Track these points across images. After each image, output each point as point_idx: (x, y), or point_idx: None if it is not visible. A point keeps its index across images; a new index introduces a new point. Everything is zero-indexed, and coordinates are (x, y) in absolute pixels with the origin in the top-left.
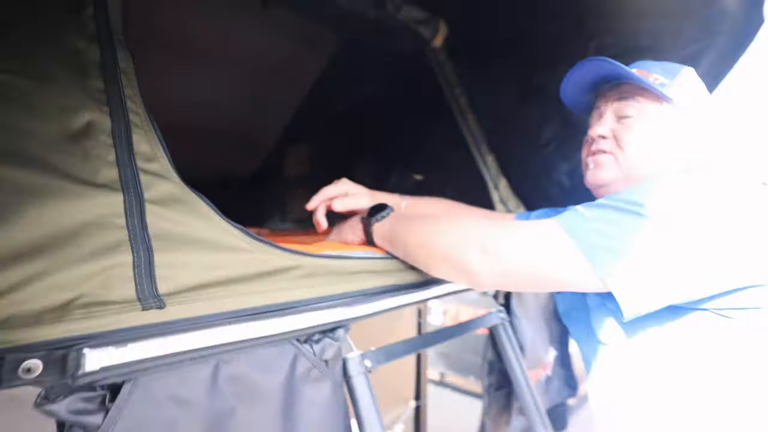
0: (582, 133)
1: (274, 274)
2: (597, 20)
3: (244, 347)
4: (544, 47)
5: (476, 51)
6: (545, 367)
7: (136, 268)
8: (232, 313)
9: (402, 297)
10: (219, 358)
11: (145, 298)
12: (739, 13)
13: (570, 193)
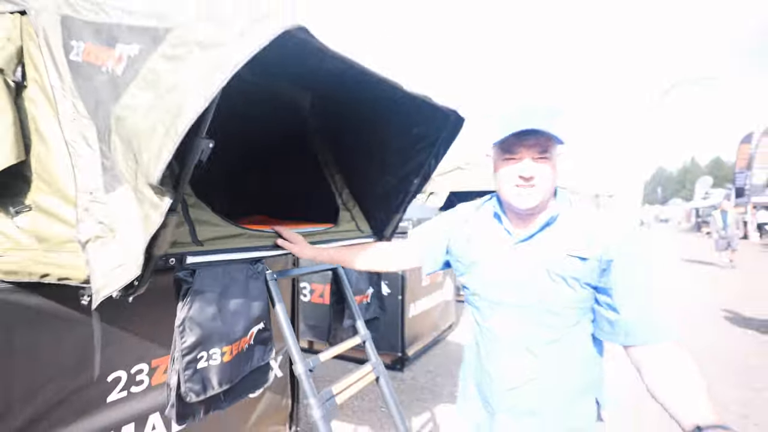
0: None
1: (238, 236)
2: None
3: (230, 263)
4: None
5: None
6: (366, 296)
7: (191, 234)
8: (228, 250)
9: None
10: (224, 266)
11: (196, 242)
12: (452, 120)
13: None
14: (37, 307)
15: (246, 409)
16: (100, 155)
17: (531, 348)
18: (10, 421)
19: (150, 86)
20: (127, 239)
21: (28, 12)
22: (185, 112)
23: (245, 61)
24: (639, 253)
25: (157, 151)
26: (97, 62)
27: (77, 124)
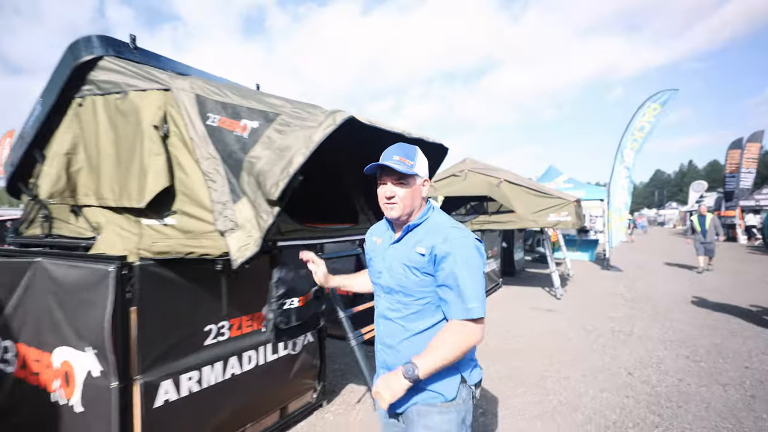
0: None
1: (301, 230)
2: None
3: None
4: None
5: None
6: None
7: (277, 228)
8: (296, 239)
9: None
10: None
11: (280, 233)
12: (440, 150)
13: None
14: (172, 277)
15: (287, 365)
16: (227, 182)
17: (399, 318)
18: (154, 351)
19: (267, 147)
20: (247, 231)
21: (171, 90)
22: (294, 163)
23: (325, 137)
24: (454, 252)
25: (275, 182)
26: (229, 128)
27: (211, 162)
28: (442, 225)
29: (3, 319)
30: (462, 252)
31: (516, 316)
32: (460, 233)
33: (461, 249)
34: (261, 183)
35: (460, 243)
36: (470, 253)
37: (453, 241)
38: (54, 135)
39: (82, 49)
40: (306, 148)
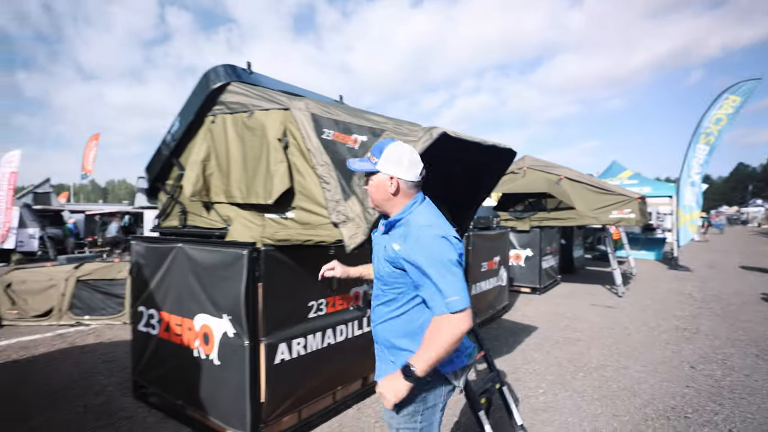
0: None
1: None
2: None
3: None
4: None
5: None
6: None
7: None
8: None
9: None
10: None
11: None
12: (508, 153)
13: (463, 204)
14: (286, 260)
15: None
16: (339, 184)
17: (379, 303)
18: (274, 318)
19: None
20: (356, 223)
21: (290, 109)
22: None
23: (424, 149)
24: (422, 252)
25: None
26: (342, 141)
27: (325, 168)
28: (417, 224)
29: (149, 293)
30: (430, 251)
31: (576, 311)
32: (428, 232)
33: (428, 249)
34: None
35: (427, 243)
36: (438, 250)
37: (420, 241)
38: (188, 146)
39: (213, 78)
40: None
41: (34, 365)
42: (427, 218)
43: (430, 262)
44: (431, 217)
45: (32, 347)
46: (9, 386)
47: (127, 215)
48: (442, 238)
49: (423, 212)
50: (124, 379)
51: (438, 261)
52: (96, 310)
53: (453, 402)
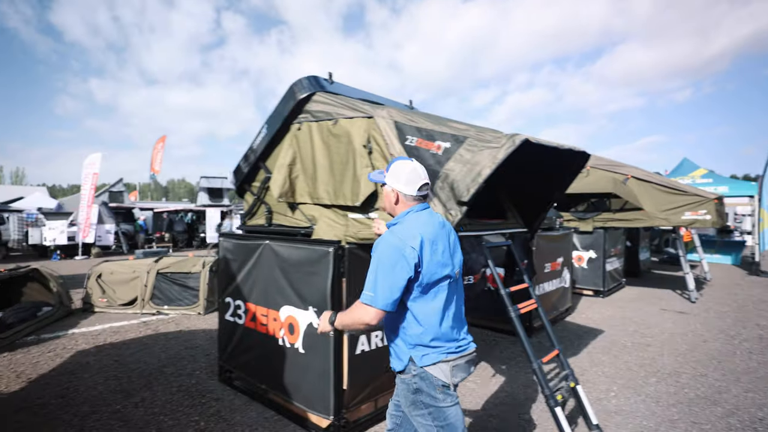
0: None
1: (473, 224)
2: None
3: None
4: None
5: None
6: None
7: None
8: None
9: None
10: (473, 237)
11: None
12: (581, 156)
13: (534, 205)
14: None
15: None
16: None
17: None
18: None
19: (459, 162)
20: None
21: (374, 117)
22: (482, 175)
23: (507, 155)
24: (374, 251)
25: (467, 187)
26: (425, 147)
27: None
28: (391, 229)
29: (236, 285)
30: (377, 251)
31: (644, 316)
32: (388, 236)
33: (378, 248)
34: (454, 188)
35: (380, 244)
36: (381, 251)
37: (378, 242)
38: (275, 151)
39: (298, 89)
40: (492, 163)
41: (127, 348)
42: (401, 227)
43: (374, 259)
44: (406, 226)
45: (123, 332)
46: (111, 365)
47: (190, 212)
48: (393, 245)
49: (406, 220)
50: (208, 364)
51: (377, 260)
52: (173, 300)
53: (494, 405)
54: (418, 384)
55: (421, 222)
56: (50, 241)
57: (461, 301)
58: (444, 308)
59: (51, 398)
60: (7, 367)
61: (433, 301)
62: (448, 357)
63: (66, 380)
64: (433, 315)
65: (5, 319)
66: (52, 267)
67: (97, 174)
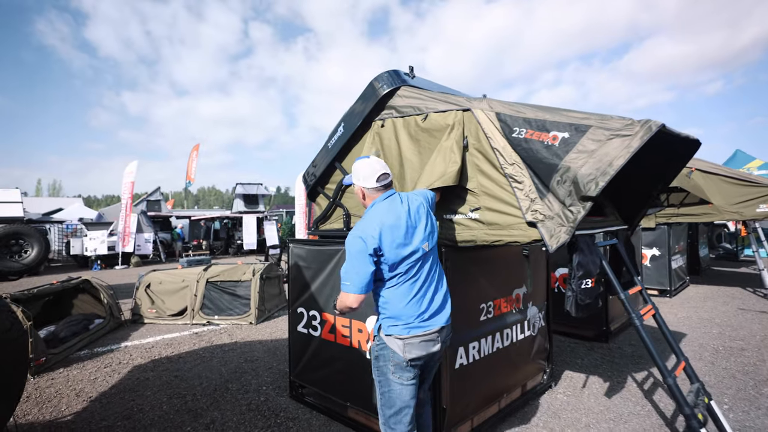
0: None
1: (585, 222)
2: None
3: (584, 236)
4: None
5: None
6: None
7: None
8: (581, 228)
9: None
10: (585, 237)
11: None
12: (691, 142)
13: (635, 201)
14: (464, 262)
15: (529, 345)
16: (532, 182)
17: None
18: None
19: (582, 153)
20: (556, 221)
21: (471, 110)
22: (614, 166)
23: (642, 144)
24: (345, 244)
25: (593, 180)
26: (538, 138)
27: (515, 167)
28: (356, 224)
29: (309, 294)
30: (346, 246)
31: (724, 317)
32: (352, 231)
33: (347, 243)
34: (577, 182)
35: (348, 239)
36: (349, 245)
37: (348, 237)
38: (353, 150)
39: (380, 85)
40: (626, 153)
41: (185, 362)
42: (364, 220)
43: (346, 253)
44: (368, 218)
45: (176, 344)
46: (172, 381)
47: (226, 219)
48: (356, 236)
49: (369, 214)
50: (273, 379)
51: (347, 253)
52: (224, 310)
53: (596, 422)
54: (378, 352)
55: (382, 211)
56: (91, 251)
57: (434, 279)
58: (410, 286)
59: (116, 419)
60: (66, 385)
61: (399, 278)
62: (405, 333)
63: (128, 398)
64: (398, 292)
65: (58, 333)
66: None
67: (133, 182)
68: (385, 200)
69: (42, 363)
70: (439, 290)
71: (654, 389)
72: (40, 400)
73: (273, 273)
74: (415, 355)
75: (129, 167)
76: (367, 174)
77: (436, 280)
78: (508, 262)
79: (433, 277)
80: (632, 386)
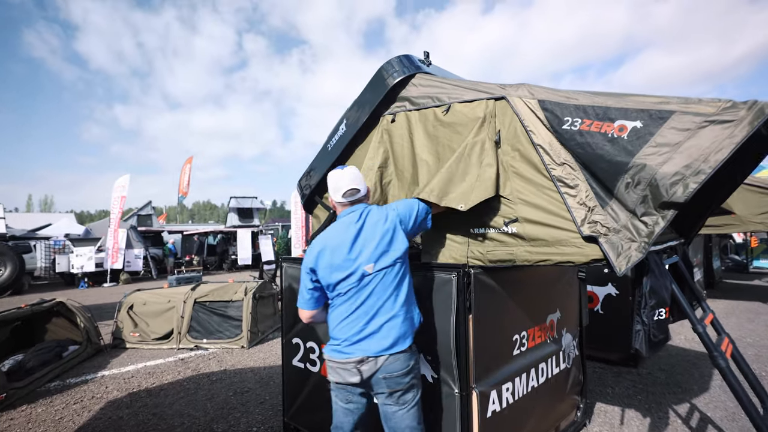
0: None
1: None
2: None
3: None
4: None
5: None
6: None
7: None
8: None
9: None
10: (653, 254)
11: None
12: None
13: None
14: (495, 285)
15: (563, 380)
16: (589, 186)
17: None
18: (484, 358)
19: (663, 147)
20: (623, 235)
21: (506, 98)
22: (710, 162)
23: (750, 132)
24: None
25: (680, 181)
26: (598, 130)
27: (565, 168)
28: None
29: (302, 323)
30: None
31: (755, 336)
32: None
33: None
34: (655, 184)
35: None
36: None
37: None
38: (356, 152)
39: (389, 72)
40: (730, 143)
41: (166, 396)
42: (317, 237)
43: None
44: (320, 236)
45: (159, 374)
46: (149, 421)
47: (220, 234)
48: (304, 258)
49: (325, 231)
50: (265, 417)
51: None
52: (213, 333)
53: None
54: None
55: (332, 231)
56: (78, 268)
57: (379, 303)
58: (347, 307)
59: None
60: (25, 427)
61: (339, 299)
62: (327, 353)
63: None
64: (334, 314)
65: (26, 363)
66: (79, 298)
67: (124, 197)
68: (345, 217)
69: (2, 400)
70: (380, 314)
71: (704, 427)
72: None
73: (267, 292)
74: (334, 379)
75: (119, 181)
76: (337, 187)
77: (382, 303)
78: (540, 282)
79: (379, 301)
80: (676, 422)
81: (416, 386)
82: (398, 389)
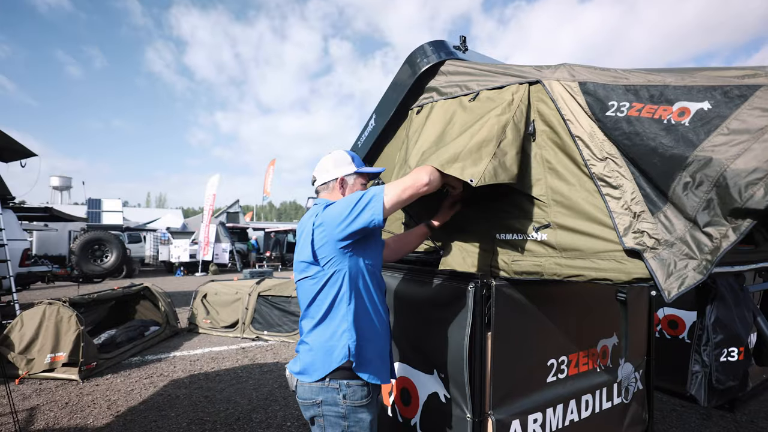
0: None
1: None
2: None
3: (726, 275)
4: None
5: None
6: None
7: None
8: (727, 264)
9: None
10: (728, 277)
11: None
12: None
13: None
14: (522, 300)
15: (619, 417)
16: (638, 187)
17: None
18: (505, 383)
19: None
20: (678, 250)
21: (542, 82)
22: None
23: None
24: None
25: (761, 181)
26: (651, 116)
27: (609, 164)
28: None
29: None
30: None
31: None
32: None
33: None
34: (724, 184)
35: None
36: None
37: None
38: (386, 149)
39: (420, 58)
40: None
41: (220, 381)
42: None
43: None
44: None
45: (220, 359)
46: (200, 403)
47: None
48: None
49: None
50: (300, 413)
51: None
52: (273, 326)
53: None
54: None
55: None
56: (175, 258)
57: (307, 314)
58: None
59: None
60: (104, 394)
61: None
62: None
63: (151, 418)
64: None
65: (116, 338)
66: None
67: (215, 195)
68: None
69: (92, 368)
70: (302, 331)
71: None
72: (75, 408)
73: None
74: (293, 388)
75: (211, 180)
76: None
77: (301, 320)
78: (592, 300)
79: (307, 312)
80: None
81: (321, 426)
82: (307, 416)
